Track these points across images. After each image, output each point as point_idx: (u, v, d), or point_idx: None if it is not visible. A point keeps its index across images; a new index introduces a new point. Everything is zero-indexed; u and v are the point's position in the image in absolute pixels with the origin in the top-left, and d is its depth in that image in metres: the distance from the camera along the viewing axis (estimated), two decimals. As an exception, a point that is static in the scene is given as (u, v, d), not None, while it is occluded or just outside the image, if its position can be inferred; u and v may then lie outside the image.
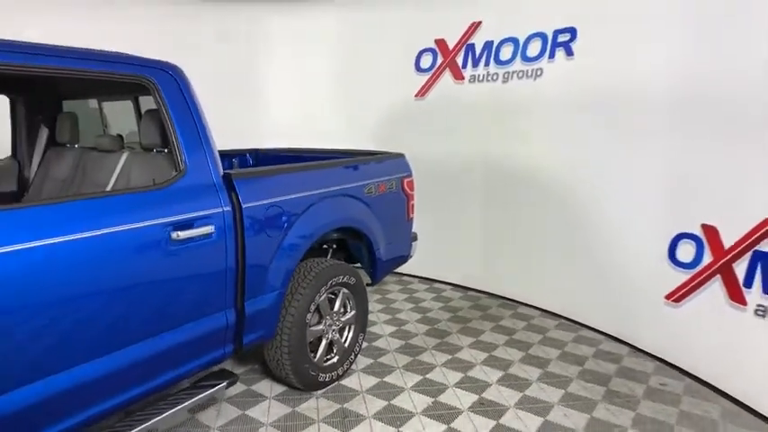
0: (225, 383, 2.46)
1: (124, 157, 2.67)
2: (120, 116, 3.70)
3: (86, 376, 1.83)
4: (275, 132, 5.34)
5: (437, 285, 5.15)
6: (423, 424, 2.72)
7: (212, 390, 2.38)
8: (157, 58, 2.31)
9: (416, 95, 5.17)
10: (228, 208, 2.33)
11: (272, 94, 5.69)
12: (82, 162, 2.91)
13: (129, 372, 1.98)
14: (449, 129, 4.95)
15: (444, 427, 2.70)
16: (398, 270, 5.18)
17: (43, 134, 3.22)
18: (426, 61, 5.13)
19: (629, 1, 3.61)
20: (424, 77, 5.13)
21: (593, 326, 4.03)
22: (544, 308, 4.44)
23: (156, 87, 2.22)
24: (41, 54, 1.91)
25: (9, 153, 3.29)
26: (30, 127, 3.27)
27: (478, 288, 4.96)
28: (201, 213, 2.21)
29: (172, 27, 5.17)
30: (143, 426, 2.07)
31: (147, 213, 2.00)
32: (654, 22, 3.43)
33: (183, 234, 2.10)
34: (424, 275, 5.32)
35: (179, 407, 2.21)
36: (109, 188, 2.58)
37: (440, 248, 4.96)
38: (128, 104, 3.36)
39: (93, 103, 3.67)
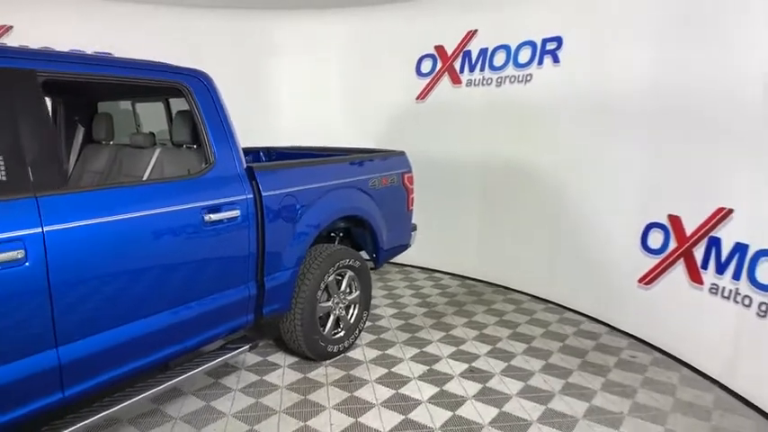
0: (248, 346, 2.87)
1: (157, 152, 3.07)
2: (144, 117, 4.12)
3: (141, 330, 2.24)
4: (285, 132, 5.73)
5: (436, 275, 5.54)
6: (419, 387, 3.11)
7: (238, 351, 2.79)
8: (180, 64, 2.71)
9: (417, 98, 5.56)
10: (251, 196, 2.73)
11: (282, 97, 6.08)
12: (118, 157, 3.31)
13: (171, 330, 2.38)
14: (447, 129, 5.33)
15: (437, 389, 3.09)
16: (400, 261, 5.60)
17: (80, 133, 3.61)
18: (426, 66, 5.52)
19: (610, 15, 3.99)
20: (425, 81, 5.52)
21: (576, 309, 4.41)
22: (533, 294, 4.82)
23: (190, 91, 2.62)
24: (96, 64, 2.31)
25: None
26: (68, 126, 3.66)
27: (474, 277, 5.35)
28: (229, 200, 2.60)
29: (190, 34, 5.59)
30: (179, 378, 2.48)
31: (186, 198, 2.41)
32: (631, 35, 3.81)
33: (214, 216, 2.50)
34: (423, 266, 5.71)
35: (211, 363, 2.62)
36: (144, 179, 2.98)
37: (438, 240, 5.35)
38: (149, 106, 3.78)
39: (120, 104, 4.10)
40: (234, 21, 5.76)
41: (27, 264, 1.81)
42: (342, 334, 3.52)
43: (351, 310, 3.63)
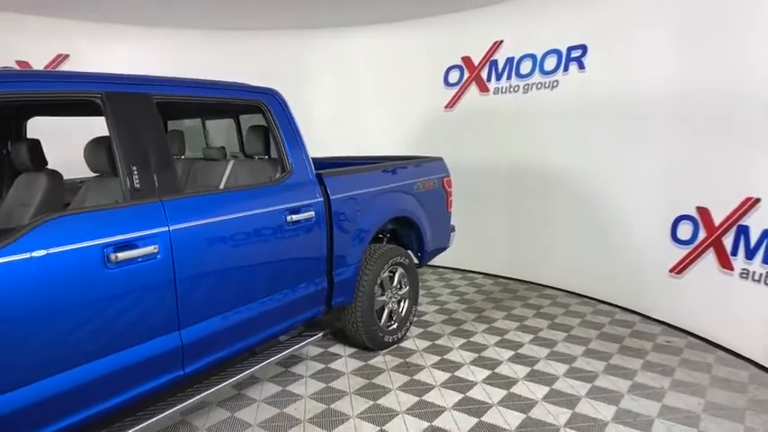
0: (321, 334, 3.18)
1: (231, 163, 3.41)
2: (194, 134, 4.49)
3: (241, 317, 2.57)
4: (319, 142, 6.08)
5: (469, 274, 5.82)
6: (472, 371, 3.39)
7: (315, 336, 3.13)
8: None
9: (446, 107, 5.89)
10: (321, 199, 3.05)
11: (316, 109, 6.43)
12: (192, 170, 3.66)
13: (263, 317, 2.71)
14: (476, 135, 5.64)
15: (489, 372, 3.36)
16: (435, 263, 5.89)
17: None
18: (454, 76, 5.85)
19: (632, 22, 4.28)
20: (453, 91, 5.84)
21: (609, 301, 4.66)
22: (566, 289, 5.08)
23: (268, 108, 2.97)
24: (195, 86, 2.66)
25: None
26: None
27: (507, 275, 5.62)
28: (305, 202, 2.93)
29: (231, 54, 6.00)
30: (262, 364, 2.81)
31: (271, 201, 2.74)
32: (652, 40, 4.10)
33: (294, 217, 2.83)
34: (456, 266, 5.99)
35: (294, 347, 2.96)
36: (221, 188, 3.31)
37: (470, 242, 5.63)
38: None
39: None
40: (273, 40, 6.15)
41: (159, 257, 2.15)
42: (395, 326, 3.82)
43: (401, 304, 3.92)
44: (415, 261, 4.12)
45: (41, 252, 1.81)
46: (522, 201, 5.39)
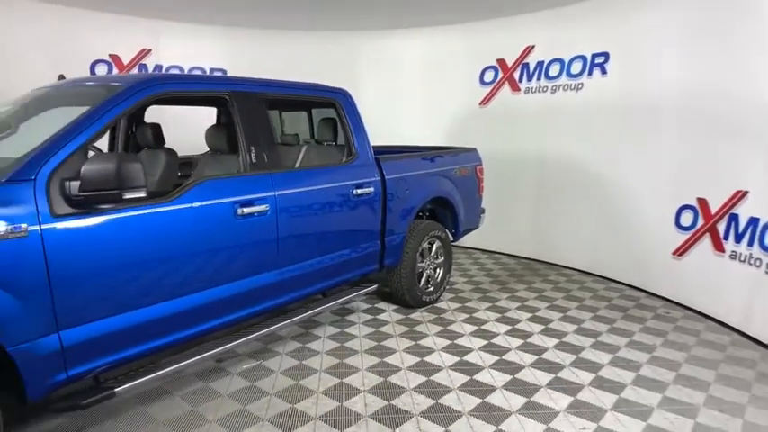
0: (376, 286, 3.95)
1: (304, 148, 4.17)
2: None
3: (323, 264, 3.36)
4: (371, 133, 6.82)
5: (495, 255, 6.50)
6: (496, 326, 4.09)
7: (371, 287, 3.95)
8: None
9: (480, 103, 6.55)
10: (378, 178, 3.79)
11: (367, 103, 7.13)
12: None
13: (337, 266, 3.49)
14: (506, 129, 6.29)
15: (510, 327, 4.06)
16: (465, 245, 6.58)
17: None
18: (489, 76, 6.50)
19: (648, 33, 4.86)
20: (487, 89, 6.50)
21: (618, 279, 5.29)
22: (582, 269, 5.72)
23: (340, 104, 3.72)
24: (286, 87, 3.42)
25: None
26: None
27: (529, 256, 6.28)
28: (366, 180, 3.68)
29: (291, 53, 6.78)
30: (329, 305, 3.60)
31: (343, 177, 3.50)
32: (665, 49, 4.67)
33: (358, 191, 3.58)
34: (483, 248, 6.67)
35: (354, 294, 3.76)
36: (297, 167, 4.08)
37: (497, 225, 6.29)
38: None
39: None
40: (327, 40, 6.92)
41: (268, 213, 2.92)
42: (431, 289, 4.55)
43: (437, 271, 4.64)
44: (450, 237, 4.83)
45: (197, 204, 2.60)
46: (544, 189, 6.03)
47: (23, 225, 2.02)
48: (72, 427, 2.64)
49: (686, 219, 4.51)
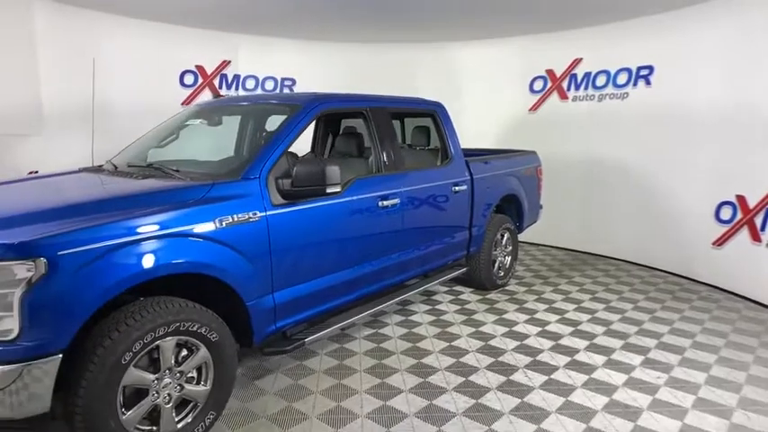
0: (465, 269, 4.66)
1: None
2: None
3: (430, 249, 4.06)
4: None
5: (546, 248, 7.17)
6: (564, 305, 4.78)
7: (462, 269, 4.63)
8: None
9: (530, 109, 7.22)
10: (468, 178, 4.49)
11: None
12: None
13: (439, 251, 4.20)
14: (555, 134, 6.95)
15: (576, 305, 4.75)
16: (519, 240, 7.24)
17: (328, 142, 5.45)
18: (538, 85, 7.16)
19: (690, 47, 5.50)
20: (537, 96, 7.16)
21: (662, 268, 5.95)
22: (627, 259, 6.38)
23: (437, 115, 4.42)
24: (396, 102, 4.13)
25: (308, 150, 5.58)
26: (323, 137, 5.46)
27: (578, 249, 6.94)
28: (460, 179, 4.38)
29: (352, 64, 7.49)
30: (438, 280, 4.32)
31: (445, 176, 4.20)
32: (706, 62, 5.32)
33: (456, 189, 4.28)
34: (534, 242, 7.35)
35: (450, 275, 4.48)
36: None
37: (547, 221, 6.95)
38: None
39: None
40: (387, 51, 7.62)
41: (398, 206, 3.63)
42: (502, 274, 5.24)
43: (507, 259, 5.33)
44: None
45: (354, 197, 3.31)
46: (592, 189, 6.69)
47: (257, 212, 2.74)
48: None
49: (725, 213, 5.16)
